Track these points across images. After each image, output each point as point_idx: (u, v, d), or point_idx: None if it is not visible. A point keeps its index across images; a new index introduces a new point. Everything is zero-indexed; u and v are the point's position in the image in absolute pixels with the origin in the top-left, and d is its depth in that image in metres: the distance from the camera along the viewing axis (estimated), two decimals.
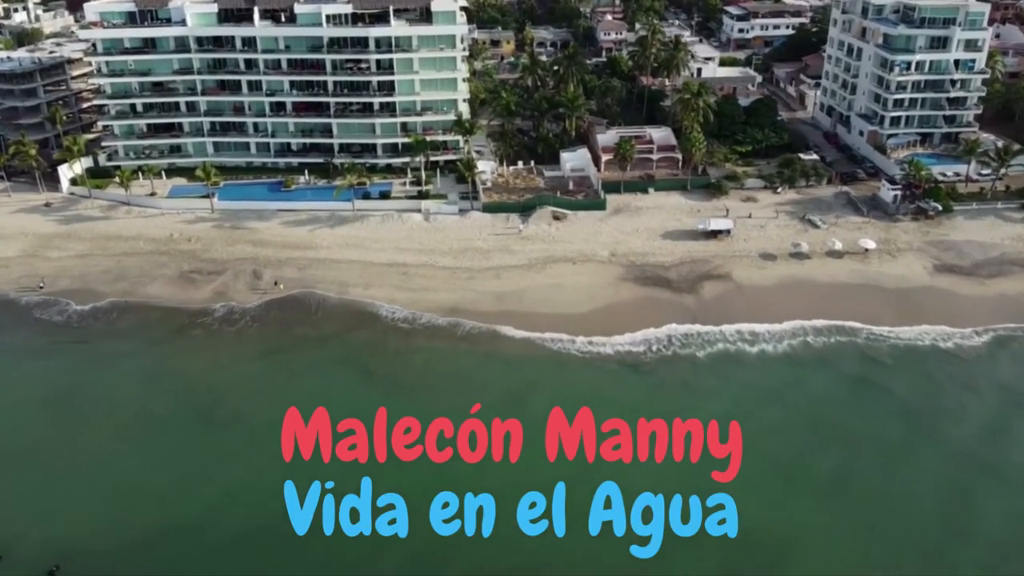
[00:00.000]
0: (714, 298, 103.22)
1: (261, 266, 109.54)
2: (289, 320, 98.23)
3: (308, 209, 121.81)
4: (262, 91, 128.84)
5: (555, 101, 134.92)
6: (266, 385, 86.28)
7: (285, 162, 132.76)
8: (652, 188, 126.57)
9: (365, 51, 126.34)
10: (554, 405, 68.60)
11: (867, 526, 68.03)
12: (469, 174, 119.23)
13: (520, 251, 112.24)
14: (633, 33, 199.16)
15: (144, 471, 74.96)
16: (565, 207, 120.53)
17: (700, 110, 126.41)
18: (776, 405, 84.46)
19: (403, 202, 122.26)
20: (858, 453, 77.50)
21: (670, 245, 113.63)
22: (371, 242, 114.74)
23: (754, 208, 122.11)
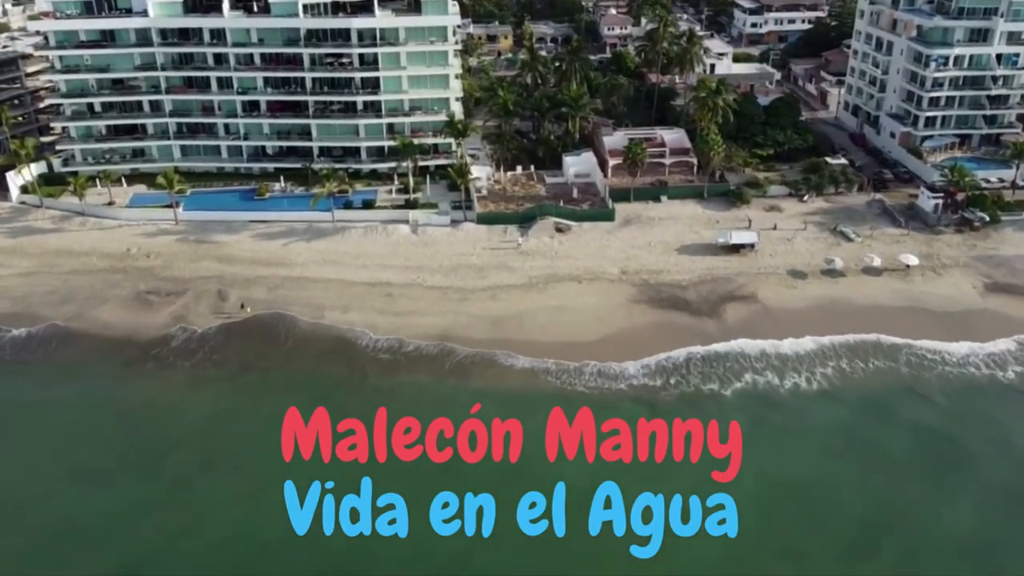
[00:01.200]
0: (739, 323, 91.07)
1: (227, 286, 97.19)
2: (254, 351, 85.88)
3: (282, 220, 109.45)
4: (233, 89, 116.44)
5: (557, 100, 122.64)
6: (217, 438, 73.98)
7: (259, 167, 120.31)
8: (665, 196, 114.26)
9: (347, 44, 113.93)
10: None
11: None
12: (462, 181, 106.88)
13: (519, 268, 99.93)
14: (639, 28, 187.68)
15: (67, 531, 63.14)
16: (569, 218, 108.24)
17: (719, 110, 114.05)
18: (822, 461, 72.65)
19: (388, 212, 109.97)
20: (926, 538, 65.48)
21: (687, 261, 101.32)
22: (352, 258, 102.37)
23: (779, 219, 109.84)
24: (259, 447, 71.76)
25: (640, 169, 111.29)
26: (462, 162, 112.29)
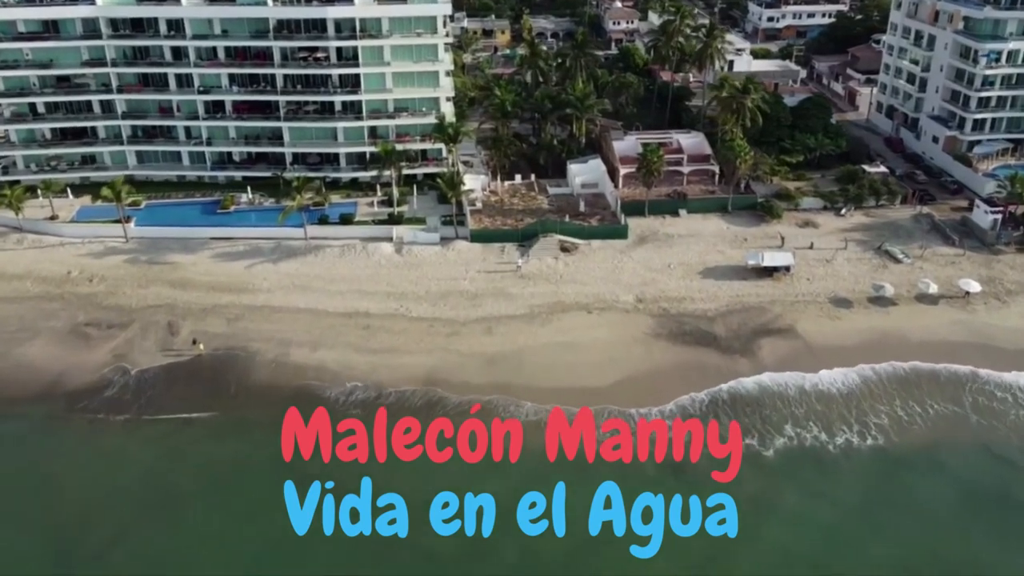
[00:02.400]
0: (777, 362, 77.81)
1: (179, 316, 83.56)
2: (201, 401, 72.16)
3: (248, 238, 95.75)
4: (194, 87, 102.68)
5: (561, 100, 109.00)
6: (144, 520, 60.88)
7: (225, 176, 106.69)
8: (684, 209, 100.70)
9: (322, 37, 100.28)
10: None
11: None
12: (453, 194, 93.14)
13: (519, 295, 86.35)
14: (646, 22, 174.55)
15: None
16: (576, 235, 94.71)
17: (746, 112, 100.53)
18: (888, 549, 59.59)
19: (369, 228, 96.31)
20: None
21: (713, 286, 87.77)
22: (325, 282, 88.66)
23: (815, 236, 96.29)
24: (192, 530, 59.44)
25: (656, 179, 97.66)
26: (454, 171, 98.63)
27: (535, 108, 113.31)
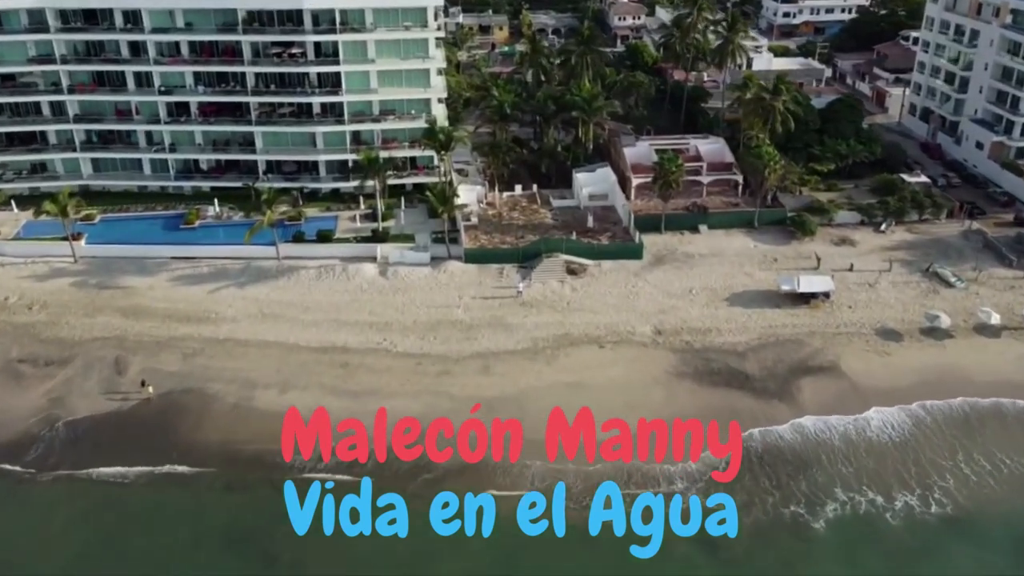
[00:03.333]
0: (820, 406, 67.14)
1: (129, 351, 72.53)
2: (145, 456, 61.13)
3: (213, 257, 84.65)
4: (154, 87, 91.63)
5: (565, 101, 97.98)
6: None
7: (192, 186, 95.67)
8: (705, 225, 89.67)
9: (298, 30, 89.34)
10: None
11: None
12: (445, 209, 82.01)
13: (520, 326, 75.41)
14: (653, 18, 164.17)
15: None
16: (584, 255, 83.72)
17: (776, 115, 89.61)
18: None
19: (350, 247, 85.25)
20: None
21: (742, 316, 76.85)
22: (299, 310, 77.62)
23: (854, 255, 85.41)
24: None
25: (675, 191, 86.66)
26: (446, 182, 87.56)
27: (537, 110, 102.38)
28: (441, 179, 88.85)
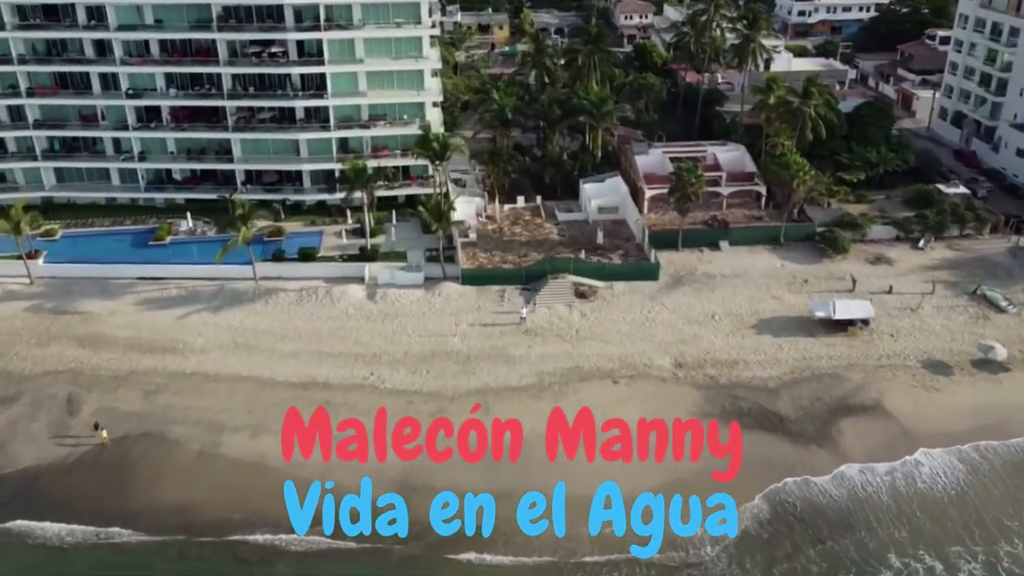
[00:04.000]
0: (864, 452, 59.23)
1: (84, 388, 64.48)
2: (93, 514, 53.09)
3: (184, 278, 76.61)
4: (121, 90, 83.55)
5: (572, 105, 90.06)
6: None
7: (164, 198, 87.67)
8: (726, 241, 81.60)
9: (279, 27, 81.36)
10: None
11: None
12: (440, 226, 73.89)
13: (523, 357, 67.38)
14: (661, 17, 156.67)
15: None
16: (595, 275, 75.68)
17: (808, 121, 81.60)
18: None
19: (335, 266, 77.18)
20: None
21: (772, 345, 68.81)
22: (276, 339, 69.56)
23: (891, 275, 77.40)
24: None
25: (694, 205, 78.62)
26: (441, 194, 79.52)
27: (540, 115, 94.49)
28: (436, 191, 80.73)
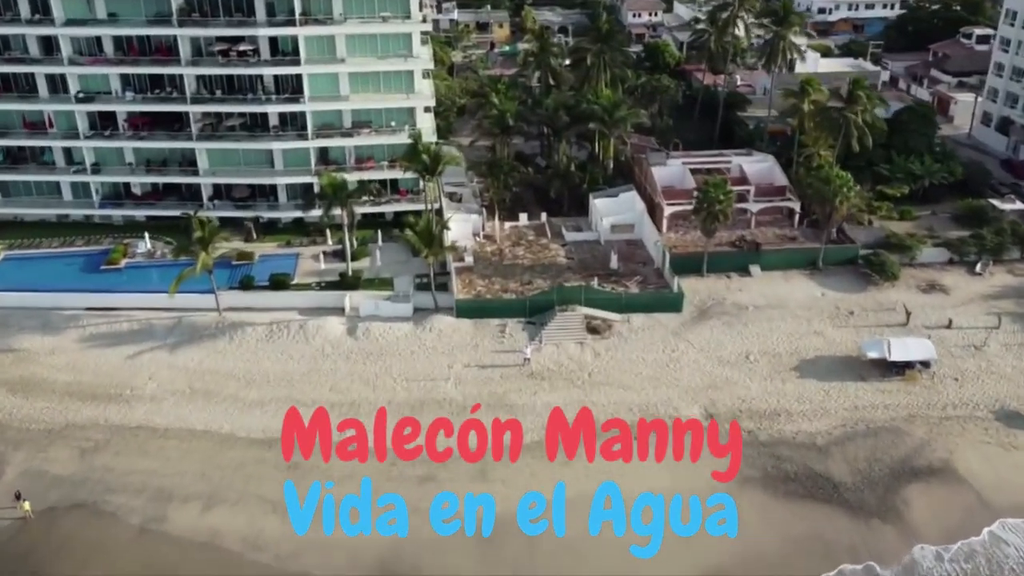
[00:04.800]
0: (939, 529, 49.44)
1: (9, 444, 54.98)
2: None
3: (138, 308, 66.79)
4: (71, 93, 73.84)
5: (581, 111, 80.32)
6: None
7: (123, 215, 77.97)
8: (758, 265, 71.76)
9: (248, 22, 71.77)
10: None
11: None
12: (431, 253, 63.97)
13: (528, 407, 57.65)
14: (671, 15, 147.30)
15: None
16: (609, 307, 65.84)
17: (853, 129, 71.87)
18: None
19: (312, 295, 67.38)
20: None
21: (817, 392, 59.00)
22: (241, 384, 59.79)
23: (948, 305, 67.61)
24: None
25: (724, 224, 68.85)
26: (432, 214, 69.70)
27: (545, 121, 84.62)
28: (427, 210, 70.86)
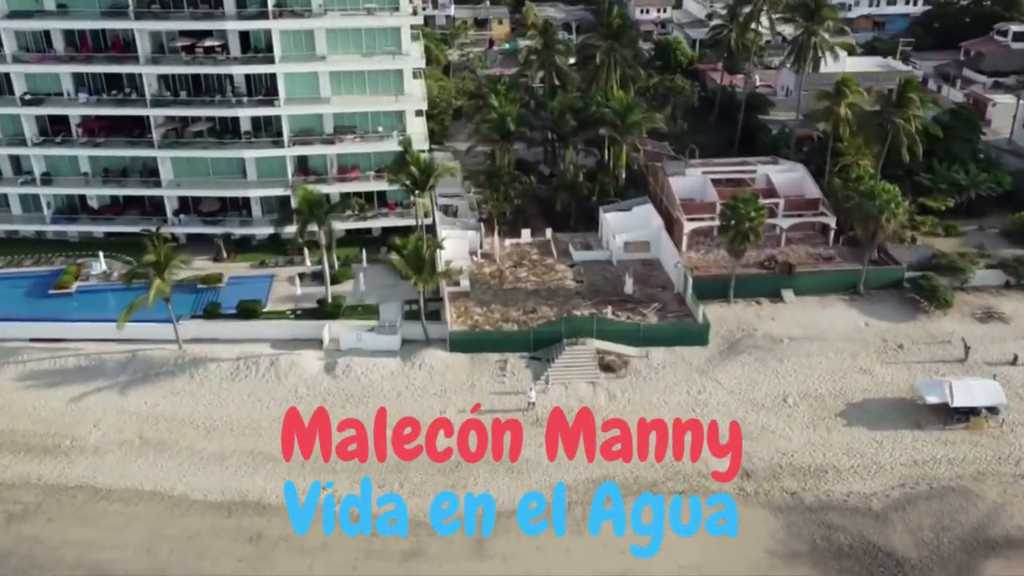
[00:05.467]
0: None
1: None
2: None
3: (88, 340, 58.58)
4: (16, 95, 65.53)
5: (591, 115, 72.20)
6: None
7: (79, 232, 69.74)
8: (791, 290, 63.47)
9: (215, 15, 63.60)
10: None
11: None
12: (420, 280, 55.58)
13: (534, 463, 49.68)
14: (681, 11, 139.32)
15: None
16: (624, 340, 57.62)
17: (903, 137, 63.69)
18: None
19: (286, 326, 59.19)
20: None
21: (867, 442, 50.83)
22: (200, 434, 51.59)
23: (1009, 336, 59.38)
24: None
25: (755, 245, 60.63)
26: (422, 232, 61.39)
27: (550, 126, 76.62)
28: (418, 229, 62.44)
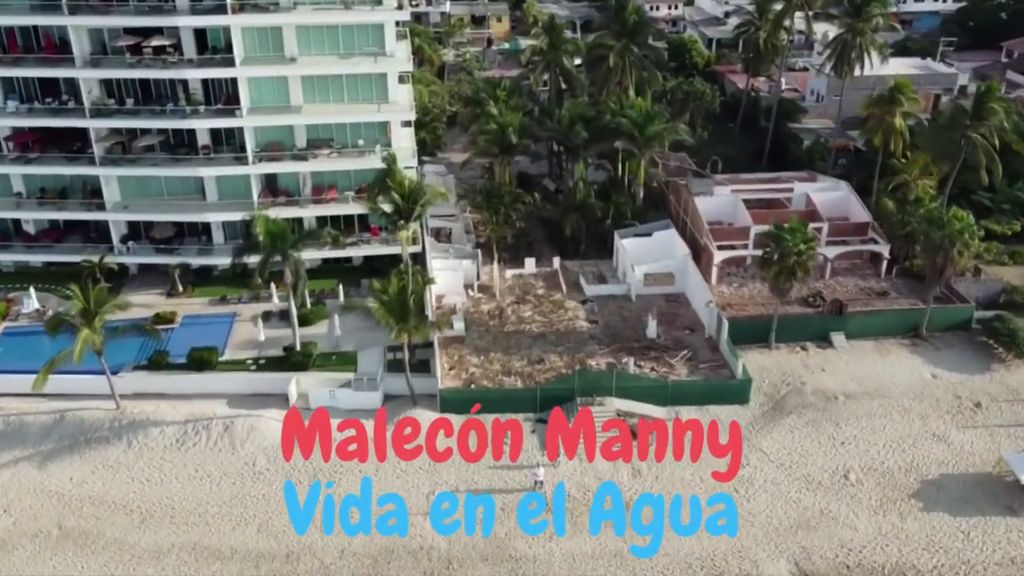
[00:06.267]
0: None
1: None
2: None
3: (8, 396, 49.14)
4: None
5: (603, 124, 62.82)
6: None
7: (13, 261, 60.24)
8: (842, 333, 53.98)
9: (166, 9, 54.15)
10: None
11: None
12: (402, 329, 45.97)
13: (540, 559, 40.39)
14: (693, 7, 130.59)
15: None
16: (649, 399, 48.24)
17: (980, 154, 54.44)
18: None
19: (245, 378, 49.77)
20: None
21: (950, 532, 41.41)
22: (133, 522, 42.15)
23: None
24: None
25: (801, 281, 51.28)
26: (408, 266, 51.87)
27: (557, 137, 67.26)
28: (405, 264, 52.73)
